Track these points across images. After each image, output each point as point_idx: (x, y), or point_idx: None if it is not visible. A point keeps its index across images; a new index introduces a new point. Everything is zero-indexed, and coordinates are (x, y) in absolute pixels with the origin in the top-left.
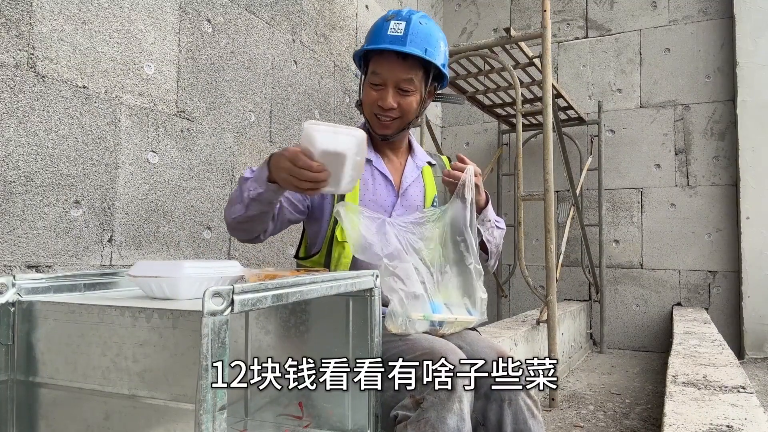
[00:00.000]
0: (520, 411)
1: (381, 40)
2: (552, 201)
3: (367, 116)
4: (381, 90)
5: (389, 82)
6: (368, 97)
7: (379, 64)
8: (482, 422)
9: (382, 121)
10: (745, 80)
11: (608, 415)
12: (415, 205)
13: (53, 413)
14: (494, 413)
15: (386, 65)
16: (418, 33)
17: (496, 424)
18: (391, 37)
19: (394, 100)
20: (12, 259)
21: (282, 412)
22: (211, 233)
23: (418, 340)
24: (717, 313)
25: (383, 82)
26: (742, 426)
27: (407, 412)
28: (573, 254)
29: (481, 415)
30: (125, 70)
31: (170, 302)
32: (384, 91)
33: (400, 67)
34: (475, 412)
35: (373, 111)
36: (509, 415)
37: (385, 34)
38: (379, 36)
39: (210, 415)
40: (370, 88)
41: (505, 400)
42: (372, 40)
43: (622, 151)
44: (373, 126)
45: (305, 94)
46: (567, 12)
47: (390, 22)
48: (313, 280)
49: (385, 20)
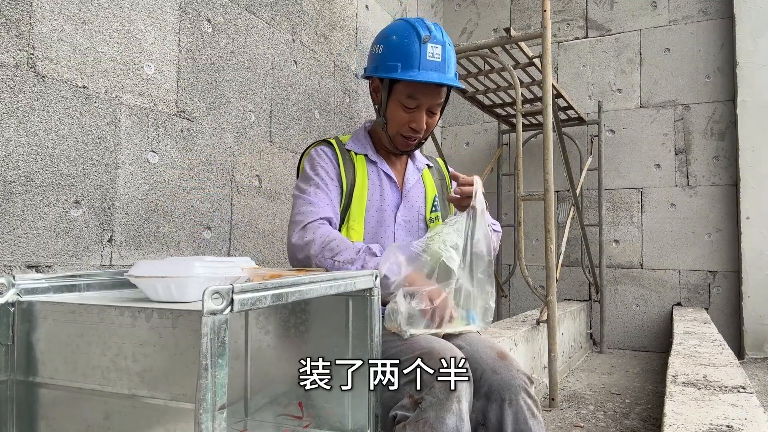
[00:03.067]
0: (521, 411)
1: (422, 67)
2: (552, 201)
3: (392, 133)
4: (413, 112)
5: (424, 106)
6: (399, 117)
7: (418, 90)
8: (482, 422)
9: (408, 141)
10: (745, 80)
11: (608, 415)
12: (417, 205)
13: (53, 413)
14: (494, 413)
15: (426, 92)
16: (451, 58)
17: (497, 424)
18: (432, 64)
19: (425, 122)
20: (12, 259)
21: (282, 412)
22: (211, 233)
23: (417, 340)
24: (717, 313)
25: (418, 106)
26: (742, 426)
27: (406, 413)
28: (573, 254)
29: (481, 414)
30: (125, 70)
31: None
32: (417, 113)
33: (437, 93)
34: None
35: (402, 131)
36: (510, 415)
37: (424, 59)
38: (417, 61)
39: (210, 414)
40: (401, 108)
41: (506, 400)
42: (410, 64)
43: (622, 151)
44: (397, 143)
45: (305, 94)
46: (567, 12)
47: (427, 46)
48: (313, 279)
49: (421, 42)
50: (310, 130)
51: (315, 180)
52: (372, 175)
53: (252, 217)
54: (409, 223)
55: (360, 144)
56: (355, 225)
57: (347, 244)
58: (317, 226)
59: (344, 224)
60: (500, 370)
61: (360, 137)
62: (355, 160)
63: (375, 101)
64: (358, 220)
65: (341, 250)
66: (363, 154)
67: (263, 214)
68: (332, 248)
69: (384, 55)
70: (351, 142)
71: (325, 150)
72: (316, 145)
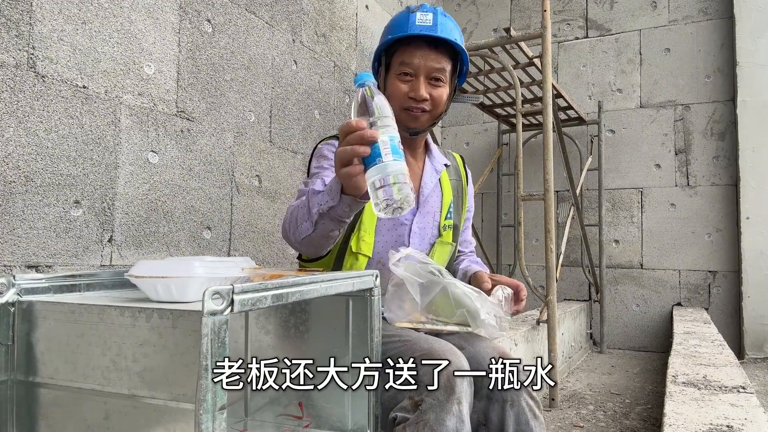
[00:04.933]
0: (522, 412)
1: (410, 30)
2: (552, 201)
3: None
4: (411, 81)
5: (420, 72)
6: (397, 90)
7: (410, 54)
8: (484, 422)
9: (413, 113)
10: (745, 80)
11: (608, 415)
12: (432, 211)
13: (53, 413)
14: (496, 414)
15: (418, 53)
16: (446, 24)
17: (498, 425)
18: (420, 27)
19: (426, 90)
20: (12, 259)
21: (282, 412)
22: (211, 233)
23: (418, 340)
24: (717, 313)
25: (414, 71)
26: (742, 426)
27: (406, 414)
28: (573, 254)
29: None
30: (125, 70)
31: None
32: (415, 81)
33: (432, 54)
34: (477, 413)
35: (403, 104)
36: (511, 416)
37: (413, 24)
38: (405, 26)
39: (210, 414)
40: (398, 80)
41: (507, 401)
42: (398, 30)
43: (622, 151)
44: (403, 121)
45: (305, 94)
46: (567, 12)
47: (416, 14)
48: (313, 280)
49: (409, 12)
50: (310, 130)
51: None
52: None
53: (252, 217)
54: (424, 230)
55: None
56: (365, 236)
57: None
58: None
59: (354, 234)
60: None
61: None
62: None
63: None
64: (369, 231)
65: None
66: None
67: (263, 214)
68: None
69: (380, 39)
70: None
71: (334, 144)
72: (327, 140)
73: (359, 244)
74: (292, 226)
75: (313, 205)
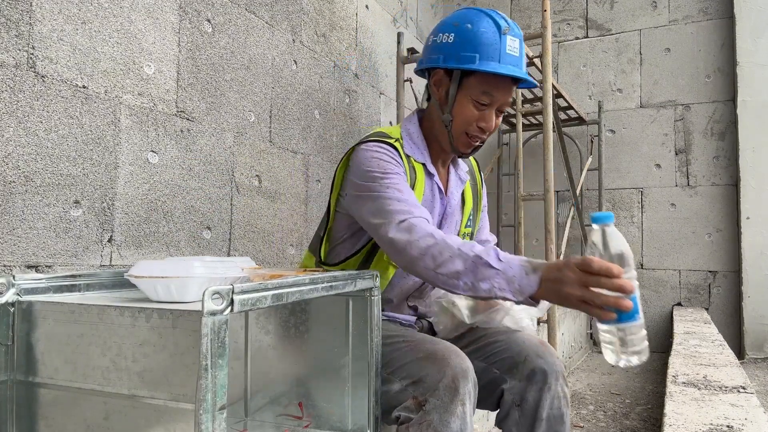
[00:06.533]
0: (557, 397)
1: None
2: (552, 201)
3: (456, 133)
4: (484, 110)
5: (495, 104)
6: (468, 115)
7: (495, 87)
8: (518, 403)
9: (473, 141)
10: (745, 80)
11: (608, 415)
12: (455, 219)
13: (53, 413)
14: (533, 395)
15: (503, 89)
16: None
17: (534, 406)
18: (510, 58)
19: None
20: (12, 259)
21: (282, 412)
22: (211, 233)
23: (422, 341)
24: (717, 313)
25: (491, 103)
26: (742, 426)
27: (409, 414)
28: (573, 254)
29: (518, 396)
30: (125, 70)
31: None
32: (488, 112)
33: (510, 91)
34: (513, 394)
35: (468, 129)
36: (547, 399)
37: (504, 52)
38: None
39: (210, 414)
40: (472, 104)
41: (546, 383)
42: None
43: (622, 151)
44: (459, 144)
45: (305, 94)
46: (567, 12)
47: (507, 38)
48: (313, 280)
49: (501, 33)
50: (310, 130)
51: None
52: (426, 189)
53: (252, 217)
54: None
55: (418, 150)
56: None
57: (450, 247)
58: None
59: None
60: (544, 355)
61: (415, 138)
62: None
63: (436, 96)
64: None
65: (444, 260)
66: (422, 163)
67: (263, 214)
68: (433, 255)
69: (456, 45)
70: (408, 146)
71: (390, 150)
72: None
73: None
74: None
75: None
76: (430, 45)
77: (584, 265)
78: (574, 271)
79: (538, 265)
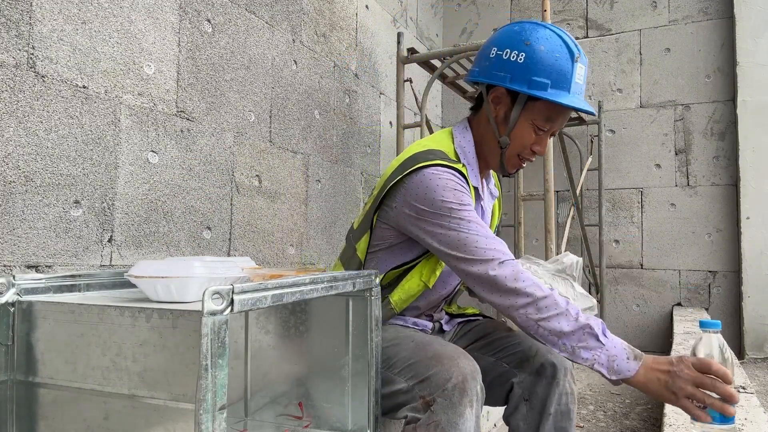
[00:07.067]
0: (565, 393)
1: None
2: (552, 201)
3: (510, 154)
4: (541, 135)
5: (553, 130)
6: (527, 138)
7: (558, 114)
8: (526, 398)
9: (522, 163)
10: (745, 80)
11: (608, 415)
12: None
13: (53, 413)
14: (542, 389)
15: (564, 116)
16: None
17: (542, 400)
18: (578, 87)
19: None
20: (12, 259)
21: (282, 412)
22: (211, 233)
23: (431, 342)
24: (717, 313)
25: (549, 129)
26: (742, 426)
27: (417, 414)
28: (573, 253)
29: (527, 391)
30: (125, 70)
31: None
32: (545, 138)
33: (569, 116)
34: (522, 388)
35: (522, 152)
36: (556, 394)
37: (573, 81)
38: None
39: (210, 414)
40: (531, 129)
41: (555, 379)
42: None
43: (622, 151)
44: (509, 165)
45: (305, 94)
46: (567, 12)
47: (577, 65)
48: (313, 280)
49: (573, 60)
50: (310, 130)
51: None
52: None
53: (252, 217)
54: None
55: (473, 172)
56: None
57: (558, 305)
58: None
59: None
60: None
61: (470, 159)
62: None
63: (494, 114)
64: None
65: (551, 315)
66: (475, 187)
67: (263, 214)
68: (539, 307)
69: (527, 67)
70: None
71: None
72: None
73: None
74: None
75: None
76: (493, 58)
77: (703, 366)
78: (690, 368)
79: (639, 354)
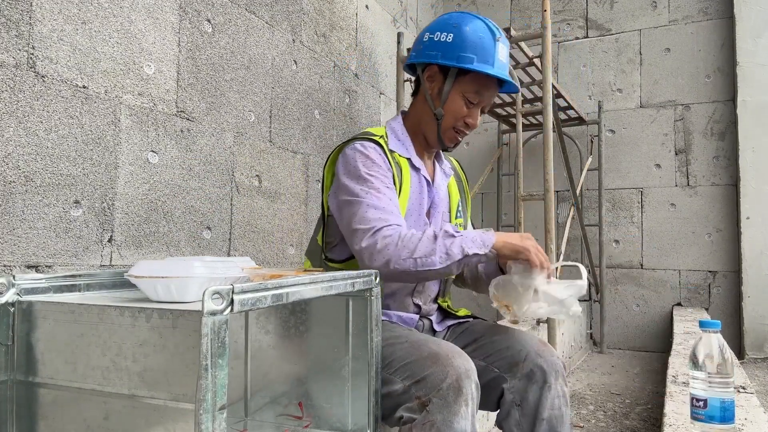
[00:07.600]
0: (557, 396)
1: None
2: (552, 201)
3: (445, 127)
4: (473, 108)
5: (482, 104)
6: (458, 111)
7: (486, 87)
8: (518, 403)
9: (458, 136)
10: (745, 80)
11: (608, 415)
12: (443, 211)
13: (53, 413)
14: (534, 394)
15: (492, 90)
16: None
17: (534, 405)
18: (501, 64)
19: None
20: (12, 259)
21: (282, 412)
22: (211, 233)
23: (426, 342)
24: (717, 313)
25: (479, 102)
26: (742, 426)
27: (412, 414)
28: (573, 254)
29: (518, 395)
30: (125, 70)
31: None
32: (475, 110)
33: (496, 92)
34: (513, 393)
35: (456, 125)
36: (548, 399)
37: (497, 57)
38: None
39: (210, 414)
40: (462, 101)
41: (546, 383)
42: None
43: (622, 151)
44: (445, 138)
45: (305, 94)
46: (567, 12)
47: (499, 44)
48: (313, 280)
49: (494, 39)
50: (310, 130)
51: (373, 182)
52: (413, 181)
53: (252, 217)
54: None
55: (402, 145)
56: None
57: (418, 235)
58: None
59: None
60: (544, 354)
61: (399, 135)
62: (400, 164)
63: (429, 90)
64: None
65: (416, 245)
66: (407, 158)
67: (263, 214)
68: (406, 245)
69: (455, 45)
70: (393, 142)
71: (376, 148)
72: (358, 141)
73: None
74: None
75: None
76: (426, 42)
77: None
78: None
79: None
